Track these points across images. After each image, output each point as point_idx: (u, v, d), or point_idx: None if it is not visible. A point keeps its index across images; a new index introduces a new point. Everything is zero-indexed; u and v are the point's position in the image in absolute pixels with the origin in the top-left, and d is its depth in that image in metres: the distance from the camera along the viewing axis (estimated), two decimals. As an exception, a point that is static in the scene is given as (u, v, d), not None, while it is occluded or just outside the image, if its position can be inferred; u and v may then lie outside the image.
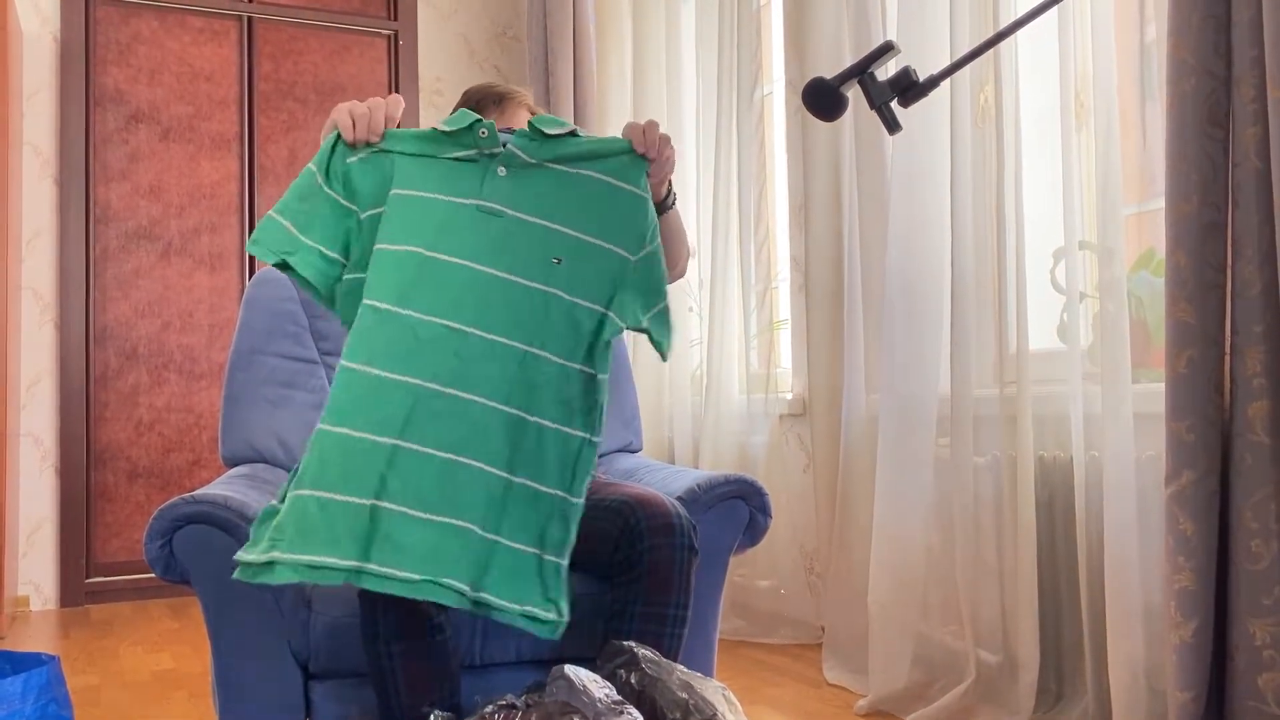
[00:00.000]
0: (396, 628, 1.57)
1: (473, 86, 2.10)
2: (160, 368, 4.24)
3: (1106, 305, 2.08)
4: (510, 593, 1.53)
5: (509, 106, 2.03)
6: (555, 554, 1.57)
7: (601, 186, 1.69)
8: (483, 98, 2.05)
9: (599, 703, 1.41)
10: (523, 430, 1.59)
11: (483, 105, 2.03)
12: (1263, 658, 1.70)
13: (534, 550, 1.57)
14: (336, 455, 1.51)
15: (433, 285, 1.59)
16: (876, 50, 1.57)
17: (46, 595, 4.03)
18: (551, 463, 1.60)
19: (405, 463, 1.52)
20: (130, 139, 4.25)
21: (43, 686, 1.67)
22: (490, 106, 2.02)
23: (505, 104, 2.02)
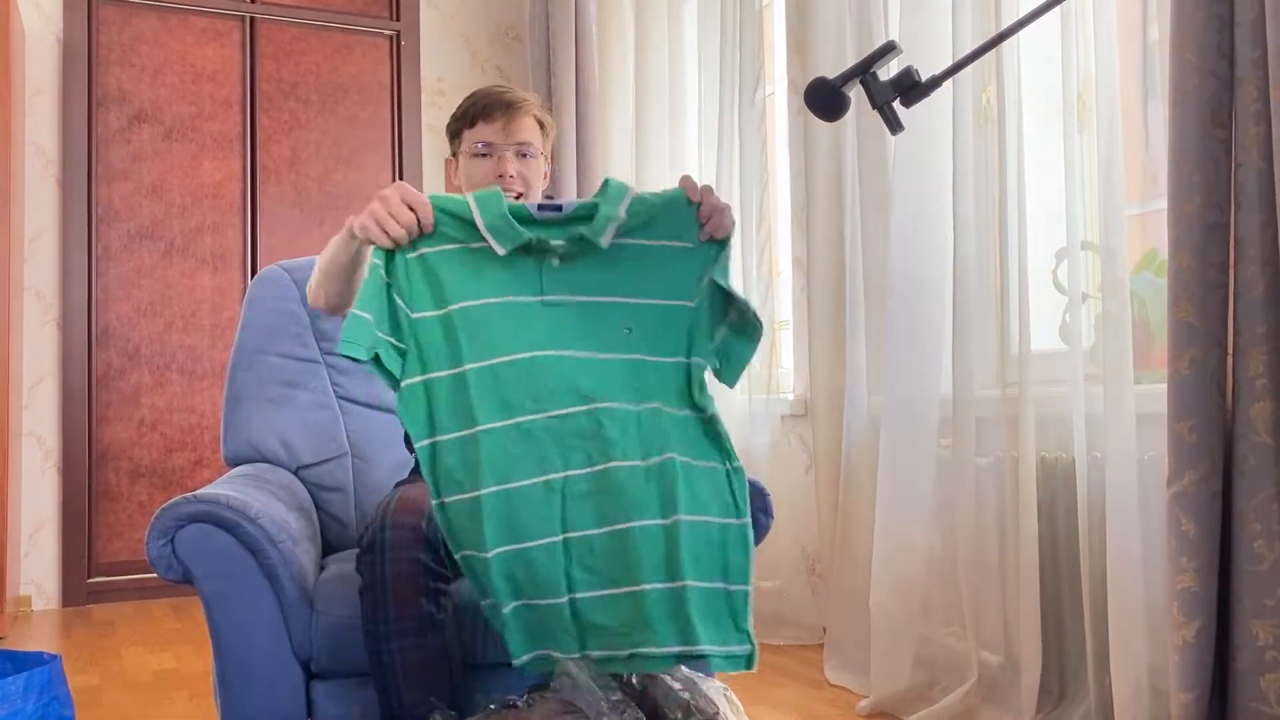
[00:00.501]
0: (398, 626, 1.57)
1: (479, 91, 2.06)
2: (162, 367, 4.24)
3: (1109, 306, 2.08)
4: (712, 636, 1.54)
5: (516, 115, 1.99)
6: (741, 582, 1.58)
7: (652, 250, 1.69)
8: (490, 104, 1.99)
9: (601, 702, 1.41)
10: (668, 474, 1.59)
11: (489, 111, 1.98)
12: (1265, 658, 1.70)
13: (720, 585, 1.57)
14: (520, 570, 1.54)
15: (529, 385, 1.60)
16: (879, 50, 1.57)
17: (48, 595, 4.03)
18: (708, 497, 1.61)
19: (579, 551, 1.55)
20: (133, 139, 4.25)
21: (44, 686, 1.67)
22: (497, 114, 1.97)
23: (513, 113, 1.99)
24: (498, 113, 1.97)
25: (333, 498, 2.18)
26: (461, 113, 2.01)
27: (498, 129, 1.96)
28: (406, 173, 4.66)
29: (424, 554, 1.57)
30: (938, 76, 1.55)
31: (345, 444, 2.23)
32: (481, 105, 1.99)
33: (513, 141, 1.96)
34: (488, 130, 1.96)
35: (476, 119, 1.98)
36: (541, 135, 2.02)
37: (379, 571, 1.57)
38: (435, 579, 1.59)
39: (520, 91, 2.04)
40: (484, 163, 1.96)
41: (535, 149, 1.99)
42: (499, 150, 1.95)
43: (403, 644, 1.58)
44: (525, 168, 1.97)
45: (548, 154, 2.05)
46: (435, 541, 1.59)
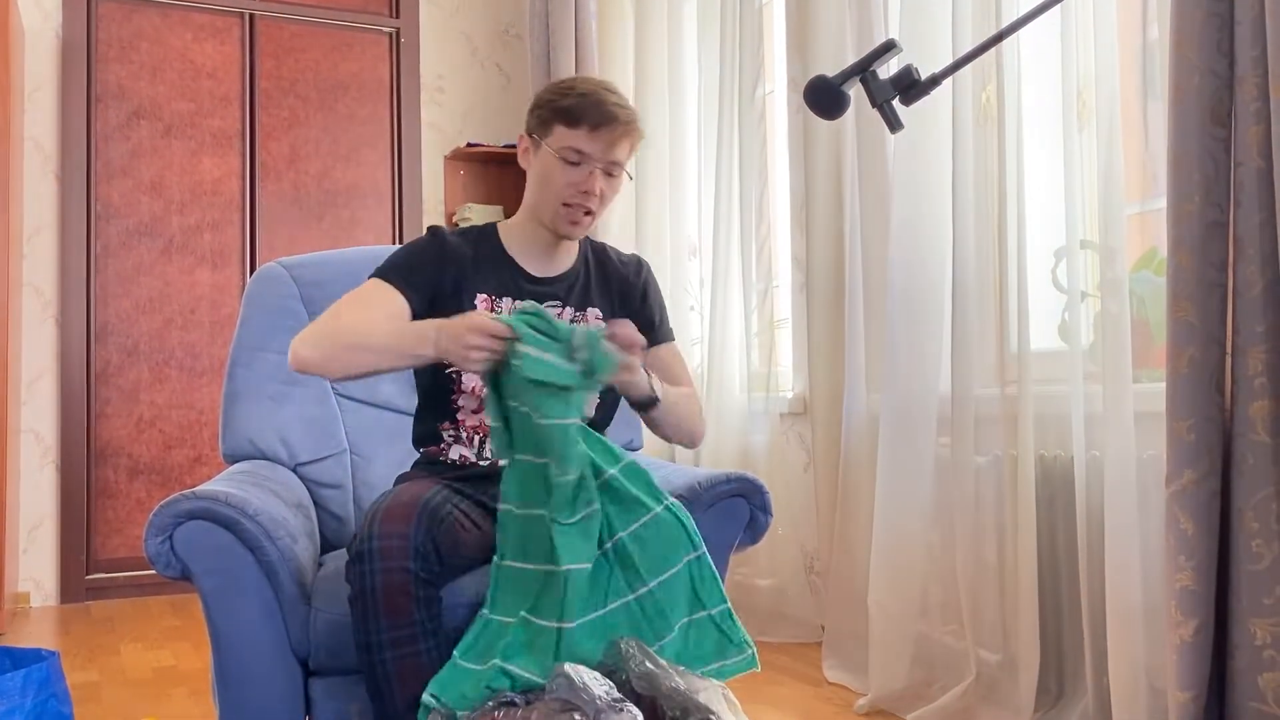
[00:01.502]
0: (390, 636, 1.57)
1: (591, 90, 1.82)
2: (161, 364, 4.24)
3: (1108, 304, 2.08)
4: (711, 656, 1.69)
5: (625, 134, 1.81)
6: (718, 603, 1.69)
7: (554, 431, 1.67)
8: (604, 116, 1.79)
9: (599, 700, 1.41)
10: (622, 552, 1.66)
11: (599, 124, 1.79)
12: (1263, 657, 1.70)
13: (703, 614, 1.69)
14: None
15: None
16: (878, 48, 1.57)
17: (47, 591, 4.03)
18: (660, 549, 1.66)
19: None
20: (132, 135, 4.25)
21: (42, 682, 1.67)
22: (605, 128, 1.79)
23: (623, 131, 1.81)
24: (606, 127, 1.80)
25: (331, 494, 2.18)
26: (565, 107, 1.81)
27: (600, 143, 1.81)
28: (406, 171, 4.66)
29: (413, 562, 1.56)
30: (937, 75, 1.55)
31: (344, 441, 2.23)
32: (594, 113, 1.80)
33: (608, 159, 1.82)
34: (588, 141, 1.81)
35: (580, 122, 1.81)
36: (631, 153, 1.89)
37: (368, 582, 1.56)
38: (425, 586, 1.59)
39: (629, 103, 1.86)
40: (570, 171, 1.82)
41: (624, 169, 1.87)
42: (591, 165, 1.82)
43: (396, 653, 1.57)
44: (609, 188, 1.85)
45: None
46: (425, 549, 1.58)
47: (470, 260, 1.90)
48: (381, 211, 4.63)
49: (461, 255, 1.90)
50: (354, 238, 4.55)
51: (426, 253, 1.89)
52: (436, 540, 1.60)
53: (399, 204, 4.66)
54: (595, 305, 1.95)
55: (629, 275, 2.01)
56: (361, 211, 4.59)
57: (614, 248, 2.06)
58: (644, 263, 2.05)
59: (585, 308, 1.94)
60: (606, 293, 1.98)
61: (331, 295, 2.24)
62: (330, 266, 2.31)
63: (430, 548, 1.58)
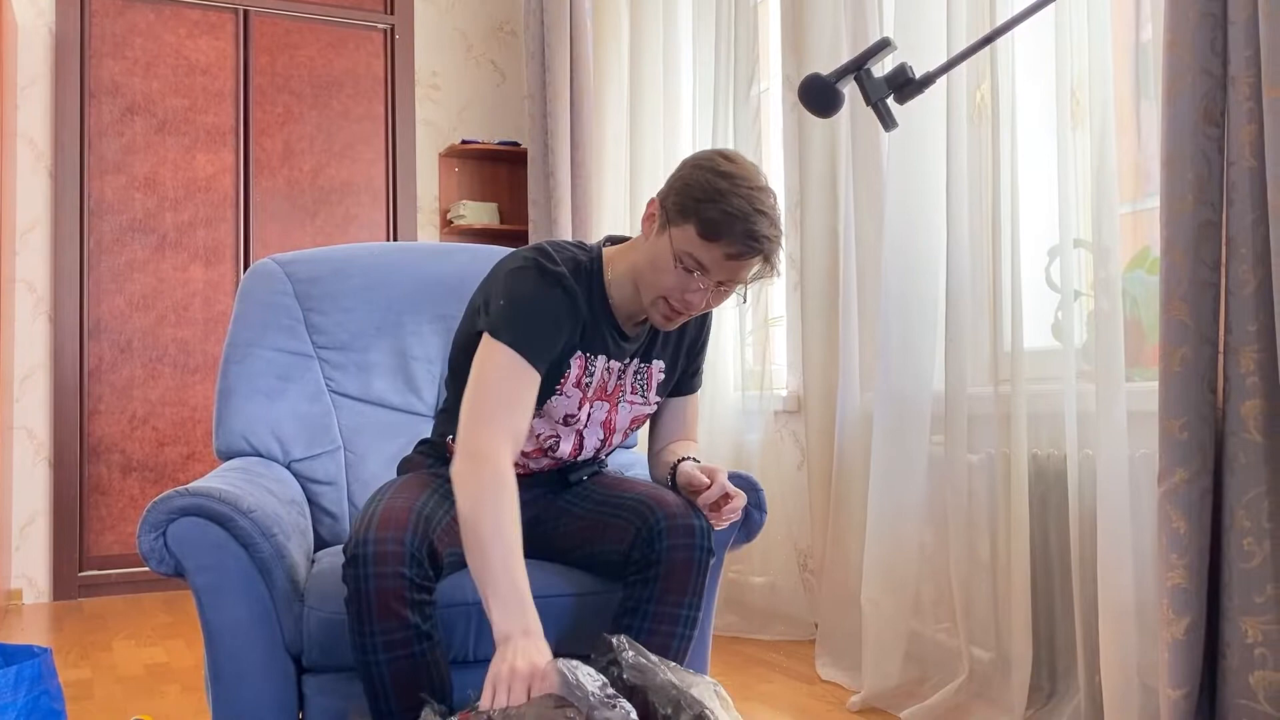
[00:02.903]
0: (384, 639, 1.57)
1: (747, 207, 1.58)
2: (154, 361, 4.23)
3: (1101, 303, 2.08)
4: None
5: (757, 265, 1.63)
6: None
7: None
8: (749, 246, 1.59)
9: (592, 696, 1.41)
10: None
11: (741, 254, 1.60)
12: (1254, 655, 1.71)
13: None
14: None
15: None
16: (873, 47, 1.57)
17: (39, 588, 4.02)
18: None
19: None
20: (125, 131, 4.24)
21: (34, 679, 1.67)
22: (745, 259, 1.60)
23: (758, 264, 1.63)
24: (743, 257, 1.61)
25: (325, 491, 2.17)
26: (705, 216, 1.59)
27: (727, 267, 1.62)
28: (400, 167, 4.65)
29: (407, 568, 1.56)
30: (932, 74, 1.55)
31: (338, 438, 2.23)
32: (736, 240, 1.59)
33: (729, 278, 1.65)
34: (717, 260, 1.61)
35: (718, 240, 1.59)
36: (760, 275, 1.69)
37: (362, 586, 1.56)
38: (419, 591, 1.59)
39: (778, 225, 1.63)
40: (683, 277, 1.64)
41: (741, 289, 1.70)
42: (707, 279, 1.64)
43: (391, 655, 1.58)
44: (717, 300, 1.69)
45: None
46: (419, 555, 1.58)
47: (583, 314, 1.74)
48: (376, 208, 4.63)
49: (576, 306, 1.72)
50: (348, 234, 4.55)
51: (557, 313, 1.69)
52: (432, 545, 1.60)
53: (393, 201, 4.66)
54: (661, 358, 1.85)
55: (695, 327, 1.89)
56: (356, 208, 4.59)
57: None
58: (710, 313, 1.89)
59: (650, 359, 1.84)
60: (672, 345, 1.87)
61: (325, 292, 2.24)
62: (324, 263, 2.30)
63: (425, 553, 1.59)
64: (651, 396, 1.86)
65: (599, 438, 1.82)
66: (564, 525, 1.84)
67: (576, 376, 1.75)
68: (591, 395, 1.78)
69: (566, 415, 1.77)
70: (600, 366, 1.77)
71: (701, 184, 1.61)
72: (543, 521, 1.88)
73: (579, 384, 1.76)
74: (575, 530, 1.82)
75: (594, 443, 1.82)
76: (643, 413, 1.86)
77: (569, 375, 1.74)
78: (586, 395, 1.77)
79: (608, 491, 1.81)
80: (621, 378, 1.82)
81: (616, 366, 1.79)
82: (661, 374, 1.86)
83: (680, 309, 1.67)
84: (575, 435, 1.80)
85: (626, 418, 1.84)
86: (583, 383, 1.77)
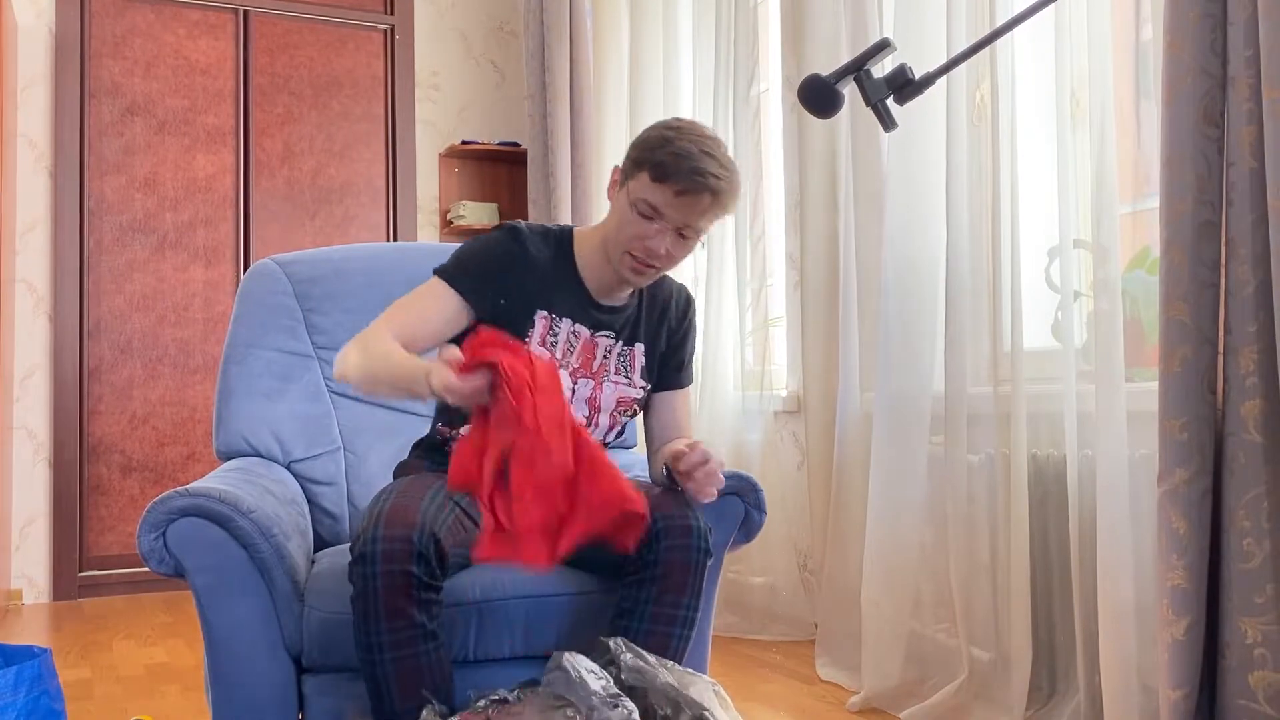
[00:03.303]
0: (390, 637, 1.57)
1: (690, 146, 1.69)
2: (154, 361, 4.23)
3: (1101, 304, 2.08)
4: None
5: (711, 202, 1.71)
6: None
7: None
8: (692, 182, 1.68)
9: (594, 695, 1.41)
10: None
11: (686, 189, 1.69)
12: (1254, 656, 1.71)
13: None
14: None
15: None
16: (873, 47, 1.57)
17: (39, 589, 4.02)
18: None
19: None
20: (125, 132, 4.24)
21: (34, 679, 1.67)
22: (690, 194, 1.69)
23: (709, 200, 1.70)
24: (692, 195, 1.69)
25: (325, 491, 2.18)
26: (655, 160, 1.71)
27: (678, 207, 1.71)
28: (400, 167, 4.65)
29: (415, 566, 1.56)
30: (931, 74, 1.55)
31: (337, 438, 2.23)
32: (683, 178, 1.68)
33: (684, 222, 1.73)
34: (668, 201, 1.71)
35: (666, 181, 1.70)
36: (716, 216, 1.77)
37: (370, 584, 1.56)
38: (426, 589, 1.59)
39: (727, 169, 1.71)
40: (642, 224, 1.73)
41: (701, 234, 1.77)
42: (664, 224, 1.73)
43: (396, 654, 1.58)
44: (679, 249, 1.76)
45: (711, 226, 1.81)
46: (427, 553, 1.58)
47: (547, 271, 1.83)
48: (376, 208, 4.63)
49: (538, 263, 1.83)
50: (348, 235, 4.55)
51: (502, 257, 1.81)
52: (439, 543, 1.60)
53: (393, 201, 4.66)
54: (642, 341, 1.91)
55: (677, 314, 1.96)
56: (356, 208, 4.59)
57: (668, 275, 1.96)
58: (692, 301, 2.00)
59: (633, 342, 1.90)
60: (654, 330, 1.94)
61: (325, 292, 2.24)
62: (324, 263, 2.31)
63: (432, 550, 1.59)
64: (636, 379, 1.91)
65: (583, 414, 1.86)
66: None
67: (541, 335, 1.82)
68: (575, 370, 1.84)
69: None
70: (566, 329, 1.84)
71: (652, 137, 1.74)
72: None
73: (544, 342, 1.83)
74: None
75: (578, 417, 1.84)
76: (628, 395, 1.90)
77: (533, 333, 1.81)
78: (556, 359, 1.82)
79: None
80: (607, 357, 1.88)
81: (585, 333, 1.86)
82: (643, 357, 1.91)
83: (644, 258, 1.75)
84: None
85: (612, 398, 1.88)
86: (547, 342, 1.83)
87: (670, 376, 1.96)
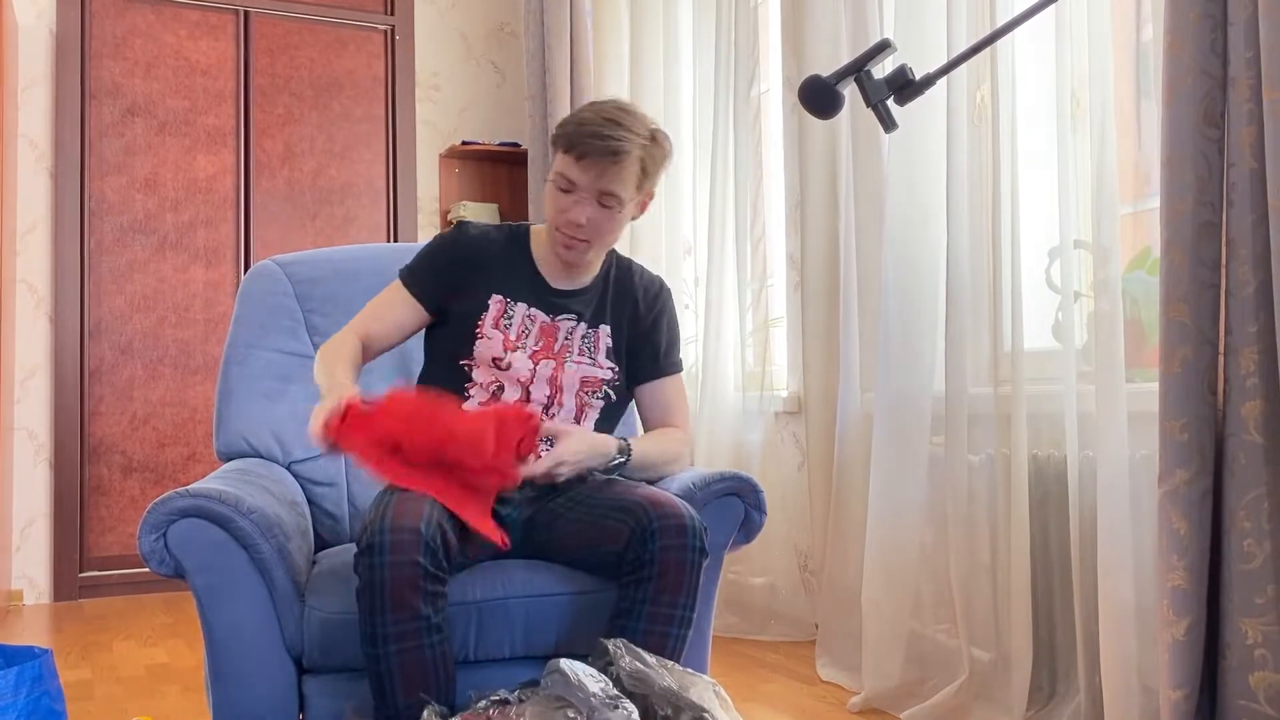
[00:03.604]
0: (395, 629, 1.57)
1: (589, 117, 1.79)
2: (155, 361, 4.23)
3: (1101, 304, 2.08)
4: None
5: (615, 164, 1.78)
6: None
7: None
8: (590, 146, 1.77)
9: (594, 697, 1.41)
10: None
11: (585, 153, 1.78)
12: (1254, 656, 1.71)
13: None
14: None
15: None
16: (873, 48, 1.57)
17: (40, 589, 4.02)
18: None
19: None
20: (126, 132, 4.24)
21: (35, 680, 1.67)
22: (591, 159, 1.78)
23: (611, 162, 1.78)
24: (590, 157, 1.78)
25: (325, 492, 2.18)
26: (563, 133, 1.82)
27: (588, 173, 1.80)
28: (400, 168, 4.65)
29: (422, 557, 1.57)
30: (932, 75, 1.55)
31: (338, 439, 2.22)
32: (582, 143, 1.78)
33: (596, 189, 1.81)
34: (576, 170, 1.80)
35: (570, 150, 1.80)
36: (639, 180, 1.83)
37: (377, 575, 1.56)
38: (433, 582, 1.59)
39: (630, 130, 1.80)
40: (561, 198, 1.83)
41: (621, 200, 1.82)
42: (579, 193, 1.82)
43: (400, 646, 1.58)
44: (602, 218, 1.83)
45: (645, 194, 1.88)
46: (434, 545, 1.59)
47: (496, 257, 1.94)
48: (376, 209, 4.63)
49: (487, 251, 1.94)
50: (348, 235, 4.55)
51: (445, 251, 1.94)
52: (445, 535, 1.61)
53: (393, 202, 4.66)
54: (607, 323, 1.96)
55: (646, 299, 2.01)
56: (356, 209, 4.59)
57: (641, 266, 2.05)
58: (665, 289, 2.04)
59: (597, 325, 1.96)
60: (620, 312, 1.98)
61: (326, 293, 2.25)
62: (324, 264, 2.31)
63: (439, 542, 1.59)
64: (601, 359, 1.95)
65: (545, 394, 1.90)
66: (561, 529, 1.85)
67: (494, 318, 1.90)
68: (535, 352, 1.90)
69: (494, 358, 1.87)
70: (521, 313, 1.91)
71: (566, 118, 1.85)
72: (540, 525, 1.89)
73: (498, 325, 1.89)
74: (572, 533, 1.83)
75: (540, 397, 1.89)
76: (593, 375, 1.93)
77: (487, 315, 1.90)
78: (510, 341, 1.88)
79: (603, 494, 1.82)
80: (569, 339, 1.93)
81: (543, 317, 1.92)
82: (609, 339, 1.95)
83: (569, 230, 1.84)
84: (519, 387, 1.89)
85: (575, 377, 1.91)
86: (501, 324, 1.89)
87: (649, 366, 1.99)
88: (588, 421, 1.94)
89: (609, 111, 1.83)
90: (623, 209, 1.84)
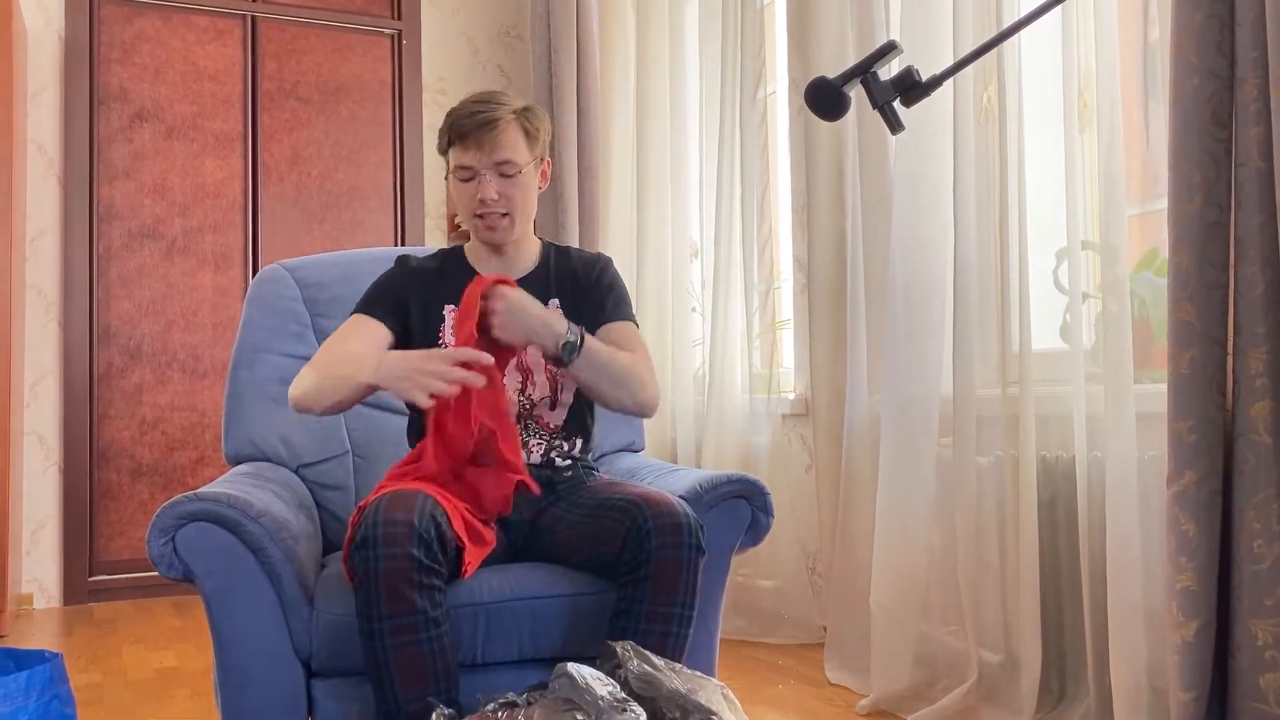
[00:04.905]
0: (391, 623, 1.58)
1: (456, 109, 1.94)
2: (164, 366, 4.24)
3: (1109, 305, 2.08)
4: None
5: (492, 133, 1.90)
6: None
7: None
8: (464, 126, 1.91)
9: (601, 700, 1.41)
10: None
11: (464, 133, 1.91)
12: (1265, 658, 1.70)
13: None
14: None
15: None
16: (879, 50, 1.57)
17: (50, 593, 4.03)
18: None
19: None
20: (134, 138, 4.25)
21: (45, 683, 1.67)
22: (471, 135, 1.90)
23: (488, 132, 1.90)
24: (472, 134, 1.90)
25: (334, 496, 2.18)
26: (443, 132, 1.96)
27: (475, 151, 1.91)
28: (407, 172, 4.66)
29: (417, 549, 1.57)
30: (938, 76, 1.55)
31: (346, 442, 2.23)
32: (456, 127, 1.92)
33: (491, 162, 1.91)
34: (465, 153, 1.92)
35: (451, 141, 1.94)
36: (528, 143, 1.95)
37: (371, 567, 1.57)
38: (429, 574, 1.59)
39: (499, 102, 1.94)
40: (466, 186, 1.94)
41: (518, 164, 1.93)
42: (478, 173, 1.92)
43: (397, 640, 1.58)
44: (509, 187, 1.93)
45: (540, 157, 1.99)
46: (429, 538, 1.59)
47: (435, 276, 2.02)
48: (383, 213, 4.64)
49: (426, 274, 2.03)
50: (356, 240, 4.56)
51: (392, 280, 2.03)
52: (439, 527, 1.61)
53: (400, 206, 4.67)
54: (555, 297, 2.03)
55: (584, 268, 2.08)
56: (363, 213, 4.60)
57: (578, 249, 2.14)
58: (605, 257, 2.12)
59: (546, 301, 2.00)
60: (565, 286, 2.04)
61: (333, 297, 2.25)
62: (332, 268, 2.31)
63: (433, 534, 1.60)
64: None
65: (518, 380, 1.96)
66: (561, 531, 1.85)
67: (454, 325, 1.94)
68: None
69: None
70: None
71: (440, 127, 1.97)
72: (543, 529, 1.89)
73: None
74: (571, 535, 1.83)
75: (514, 384, 1.95)
76: None
77: (445, 326, 1.98)
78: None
79: (601, 495, 1.82)
80: None
81: None
82: (558, 309, 1.99)
83: (480, 211, 1.94)
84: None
85: (539, 354, 1.95)
86: None
87: (595, 315, 2.00)
88: (566, 393, 1.99)
89: (475, 95, 1.98)
90: (523, 174, 1.94)
